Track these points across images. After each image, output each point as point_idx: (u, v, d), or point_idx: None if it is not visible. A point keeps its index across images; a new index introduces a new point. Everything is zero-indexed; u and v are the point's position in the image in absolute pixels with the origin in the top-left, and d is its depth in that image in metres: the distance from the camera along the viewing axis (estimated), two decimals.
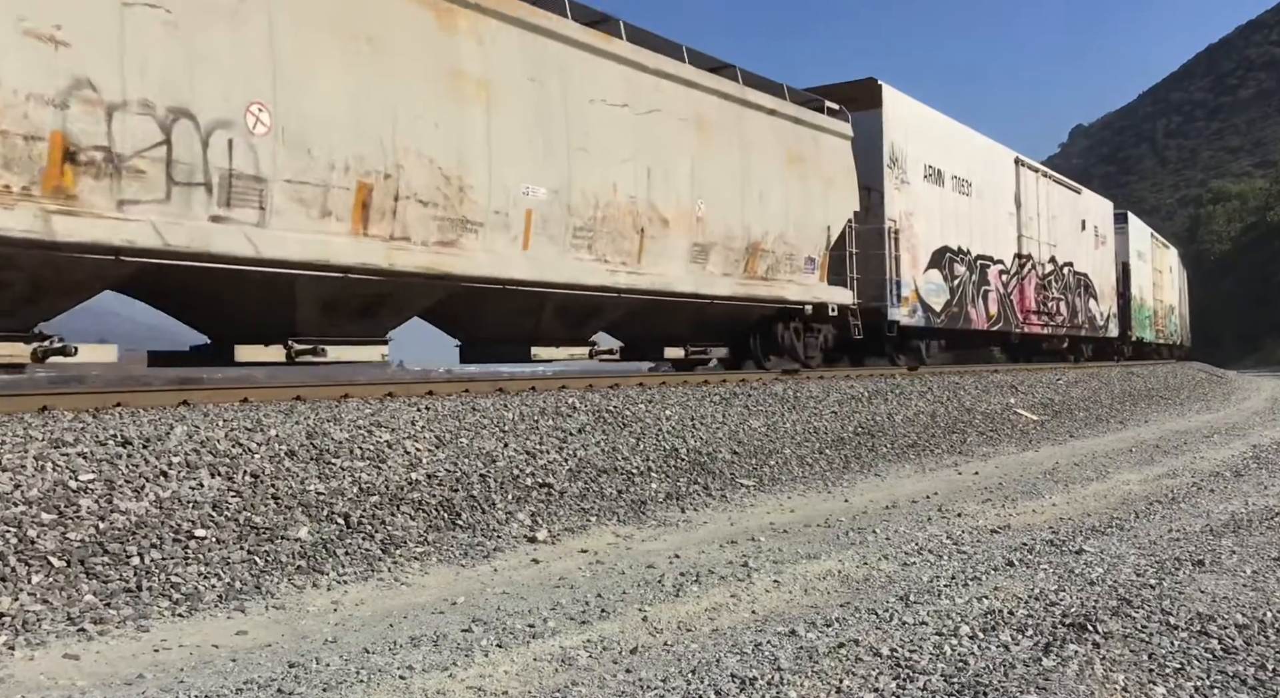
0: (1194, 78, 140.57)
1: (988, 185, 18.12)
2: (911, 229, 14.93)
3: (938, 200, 16.04)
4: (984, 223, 17.83)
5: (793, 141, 12.16)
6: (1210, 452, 10.50)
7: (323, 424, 6.04)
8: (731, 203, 11.01)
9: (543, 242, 8.68)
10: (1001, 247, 18.52)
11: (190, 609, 4.10)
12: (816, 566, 4.97)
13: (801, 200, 12.19)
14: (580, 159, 8.99)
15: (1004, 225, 18.84)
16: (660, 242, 9.95)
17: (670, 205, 10.07)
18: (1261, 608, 4.10)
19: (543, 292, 8.85)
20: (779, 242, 11.76)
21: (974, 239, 17.28)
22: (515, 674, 3.33)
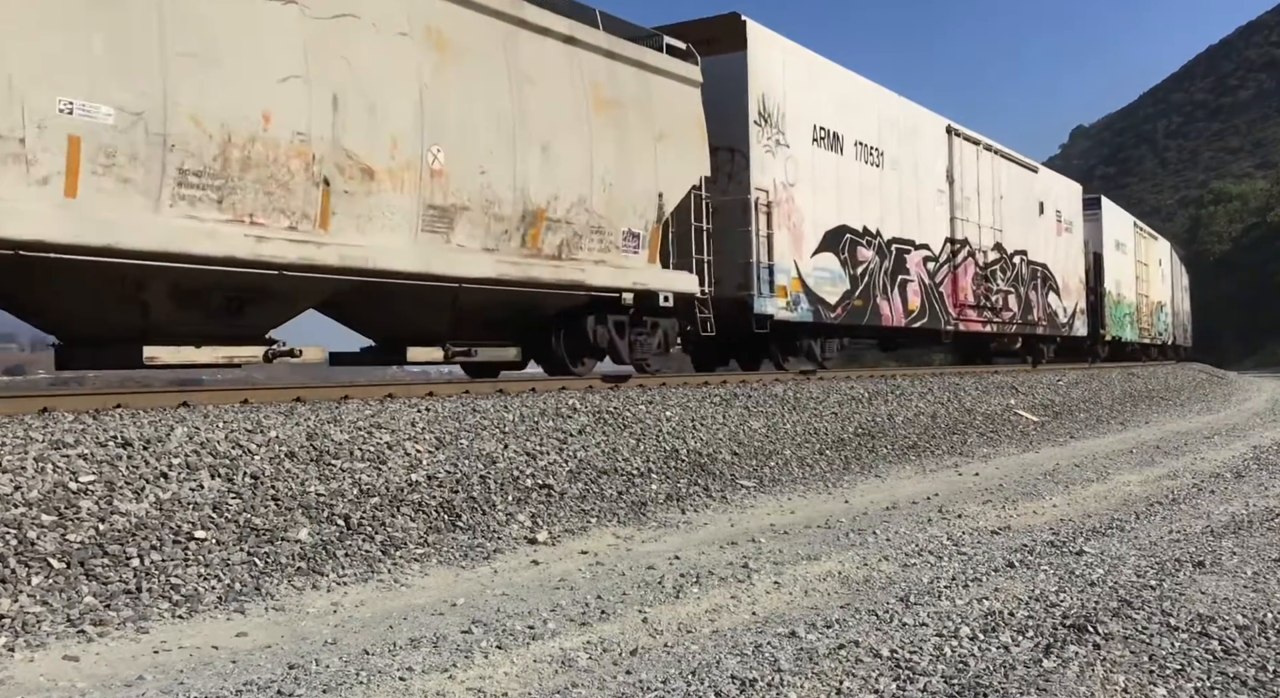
0: (1194, 79, 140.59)
1: (908, 156, 15.28)
2: (792, 203, 12.20)
3: (833, 170, 13.26)
4: (902, 200, 15.03)
5: (606, 82, 9.48)
6: (1211, 453, 10.50)
7: (323, 425, 6.04)
8: (496, 155, 8.24)
9: (110, 189, 5.98)
10: (927, 229, 15.71)
11: (190, 611, 4.09)
12: (817, 567, 4.97)
13: (617, 159, 9.48)
14: (191, 69, 6.27)
15: (931, 205, 15.97)
16: (362, 201, 7.25)
17: (380, 151, 7.34)
18: (1262, 609, 4.09)
19: (129, 265, 6.21)
20: (579, 210, 9.07)
21: (887, 219, 14.50)
22: (515, 676, 3.33)
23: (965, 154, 17.31)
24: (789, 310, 12.03)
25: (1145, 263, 30.59)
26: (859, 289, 13.69)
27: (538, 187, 8.71)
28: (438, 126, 7.81)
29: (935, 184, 16.28)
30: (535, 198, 8.69)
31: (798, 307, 12.27)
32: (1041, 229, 20.97)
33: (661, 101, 10.21)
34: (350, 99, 7.17)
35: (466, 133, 8.09)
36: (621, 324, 10.05)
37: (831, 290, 13.08)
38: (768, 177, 11.78)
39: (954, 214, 16.76)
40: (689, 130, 10.55)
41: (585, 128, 9.22)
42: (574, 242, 9.14)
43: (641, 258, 9.91)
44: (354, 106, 7.21)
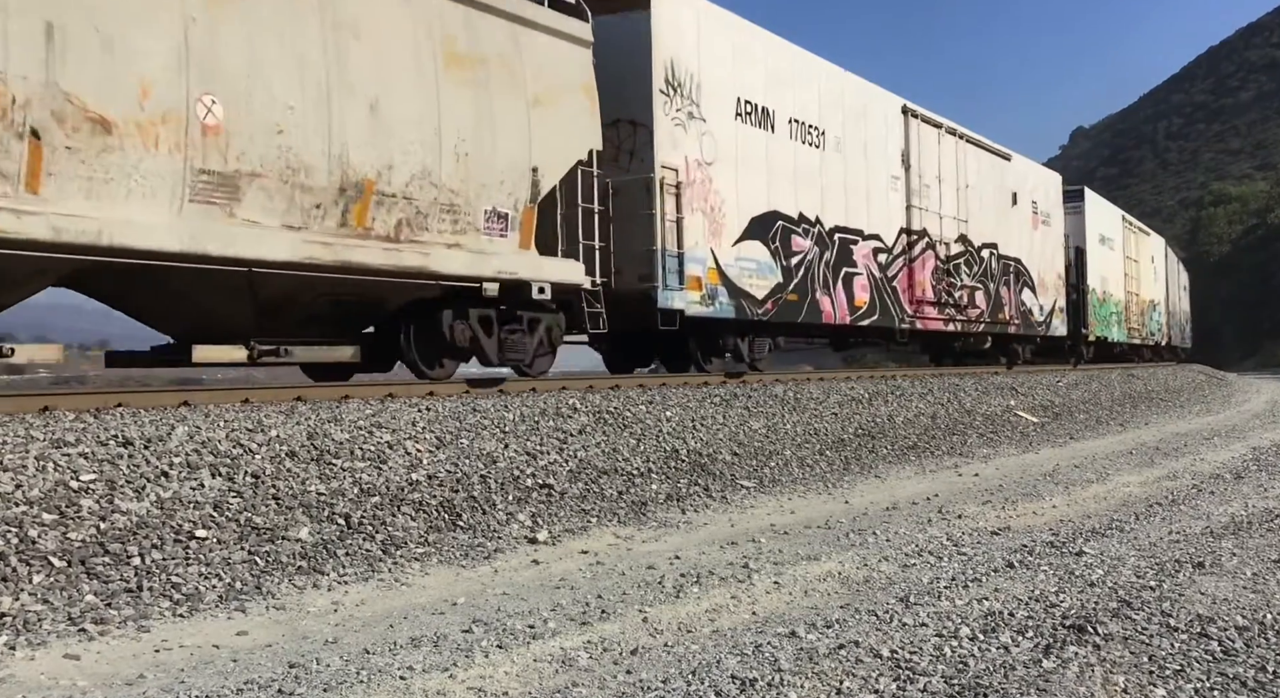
0: (1194, 80, 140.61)
1: (856, 138, 13.75)
2: (710, 185, 10.76)
3: (763, 150, 11.75)
4: (848, 186, 13.46)
5: (462, 34, 8.02)
6: (1210, 454, 10.50)
7: (323, 425, 6.05)
8: (301, 112, 6.79)
9: None
10: (879, 219, 14.17)
11: (191, 610, 4.10)
12: (817, 567, 4.97)
13: (476, 125, 7.98)
14: None
15: (883, 192, 14.40)
16: (94, 160, 5.77)
17: (122, 98, 5.88)
18: (1261, 610, 4.10)
19: None
20: (423, 184, 7.53)
21: (829, 206, 12.95)
22: (515, 675, 3.34)
23: (924, 138, 15.68)
24: (704, 305, 10.54)
25: (1135, 259, 28.87)
26: (794, 283, 12.11)
27: (363, 153, 7.16)
28: (210, 71, 6.26)
29: (888, 169, 14.66)
30: (359, 167, 7.13)
31: (715, 301, 10.72)
32: (1015, 221, 19.28)
33: (538, 61, 8.63)
34: (75, 30, 5.64)
35: (256, 82, 6.54)
36: (488, 320, 8.48)
37: (759, 284, 11.52)
38: (678, 154, 10.31)
39: (910, 202, 15.10)
40: (573, 96, 8.95)
41: (431, 86, 7.67)
42: (417, 221, 7.56)
43: (510, 242, 8.35)
44: (80, 39, 5.67)
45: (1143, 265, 30.00)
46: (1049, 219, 21.16)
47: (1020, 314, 19.20)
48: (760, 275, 11.61)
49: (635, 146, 10.08)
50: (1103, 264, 24.96)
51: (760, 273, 11.61)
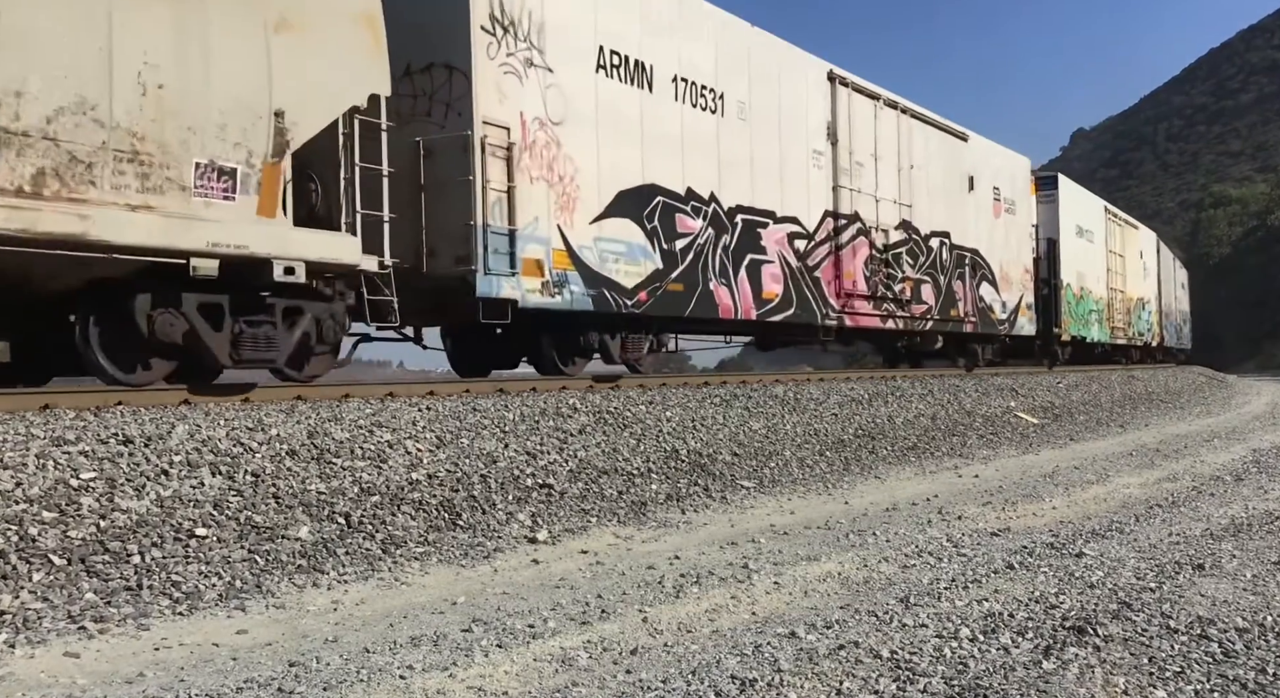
0: (1195, 82, 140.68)
1: (766, 105, 11.85)
2: (559, 150, 8.99)
3: (636, 111, 9.93)
4: (754, 161, 11.57)
5: None
6: (1210, 456, 10.50)
7: (324, 424, 6.05)
8: None
9: None
10: (795, 199, 12.22)
11: (191, 608, 4.10)
12: (816, 567, 4.97)
13: (178, 46, 6.10)
14: None
15: (802, 169, 12.41)
16: None
17: None
18: (1262, 612, 4.10)
19: None
20: (79, 121, 5.65)
21: (729, 182, 11.06)
22: (515, 675, 3.34)
23: (857, 110, 13.81)
24: (546, 294, 8.75)
25: (1120, 254, 26.82)
26: (678, 270, 10.34)
27: None
28: None
29: (810, 144, 12.67)
30: None
31: (563, 290, 8.91)
32: (972, 208, 17.32)
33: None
34: None
35: None
36: (215, 307, 6.61)
37: (629, 270, 9.72)
38: (508, 109, 8.47)
39: (838, 182, 13.17)
40: (345, 25, 7.15)
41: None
42: (73, 172, 5.66)
43: (241, 208, 6.48)
44: None
45: (1129, 260, 28.09)
46: (1014, 207, 19.19)
47: (978, 311, 17.27)
48: (631, 260, 9.77)
49: (452, 97, 8.24)
50: (1080, 258, 22.89)
51: (631, 257, 9.76)
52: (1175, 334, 36.25)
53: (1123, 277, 27.04)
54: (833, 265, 13.19)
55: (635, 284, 9.87)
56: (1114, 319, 25.82)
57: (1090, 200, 24.98)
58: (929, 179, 15.79)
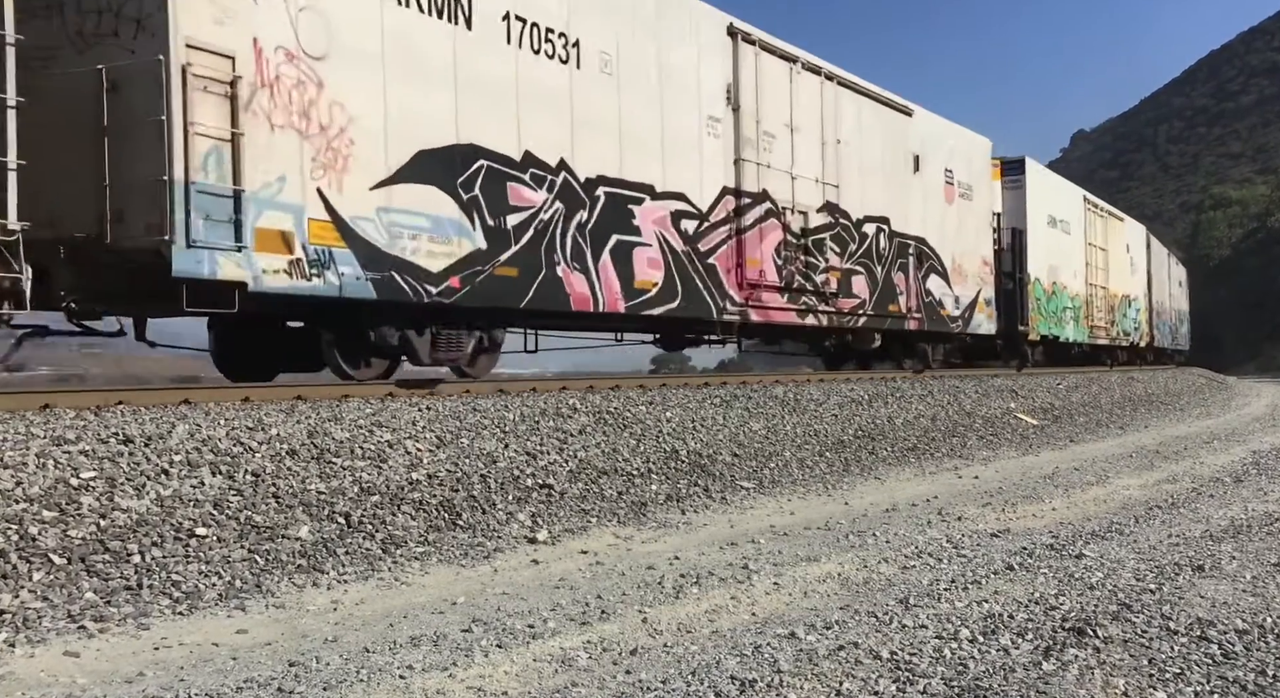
0: (1195, 83, 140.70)
1: (642, 59, 9.96)
2: (319, 91, 7.09)
3: (447, 52, 8.02)
4: (624, 124, 9.67)
5: None
6: (1210, 457, 10.50)
7: (324, 424, 6.05)
8: None
9: None
10: (683, 173, 10.37)
11: (191, 608, 4.10)
12: (816, 568, 4.97)
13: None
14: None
15: (691, 138, 10.55)
16: None
17: None
18: (1261, 613, 4.10)
19: None
20: None
21: (586, 148, 9.15)
22: (515, 675, 3.34)
23: (766, 72, 11.81)
24: (299, 276, 6.96)
25: (1102, 247, 24.76)
26: (511, 251, 8.43)
27: None
28: None
29: (704, 108, 10.78)
30: None
31: (327, 271, 7.12)
32: (917, 192, 15.35)
33: None
34: None
35: None
36: None
37: (435, 249, 7.89)
38: (235, 32, 6.59)
39: (741, 155, 11.24)
40: None
41: None
42: None
43: None
44: None
45: (1113, 254, 25.88)
46: (971, 193, 17.10)
47: (924, 306, 15.30)
48: (438, 237, 7.93)
49: (143, 12, 6.29)
50: (1052, 250, 20.88)
51: (438, 233, 7.92)
52: (1169, 334, 34.24)
53: (1105, 272, 24.98)
54: (734, 251, 11.21)
55: (444, 267, 7.95)
56: (1094, 317, 23.81)
57: (1065, 188, 22.88)
58: (862, 157, 13.78)
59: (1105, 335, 24.82)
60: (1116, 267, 26.26)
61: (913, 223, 15.15)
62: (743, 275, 11.30)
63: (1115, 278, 25.98)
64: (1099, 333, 24.21)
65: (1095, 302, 23.92)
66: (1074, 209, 22.80)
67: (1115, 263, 26.11)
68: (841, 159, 13.22)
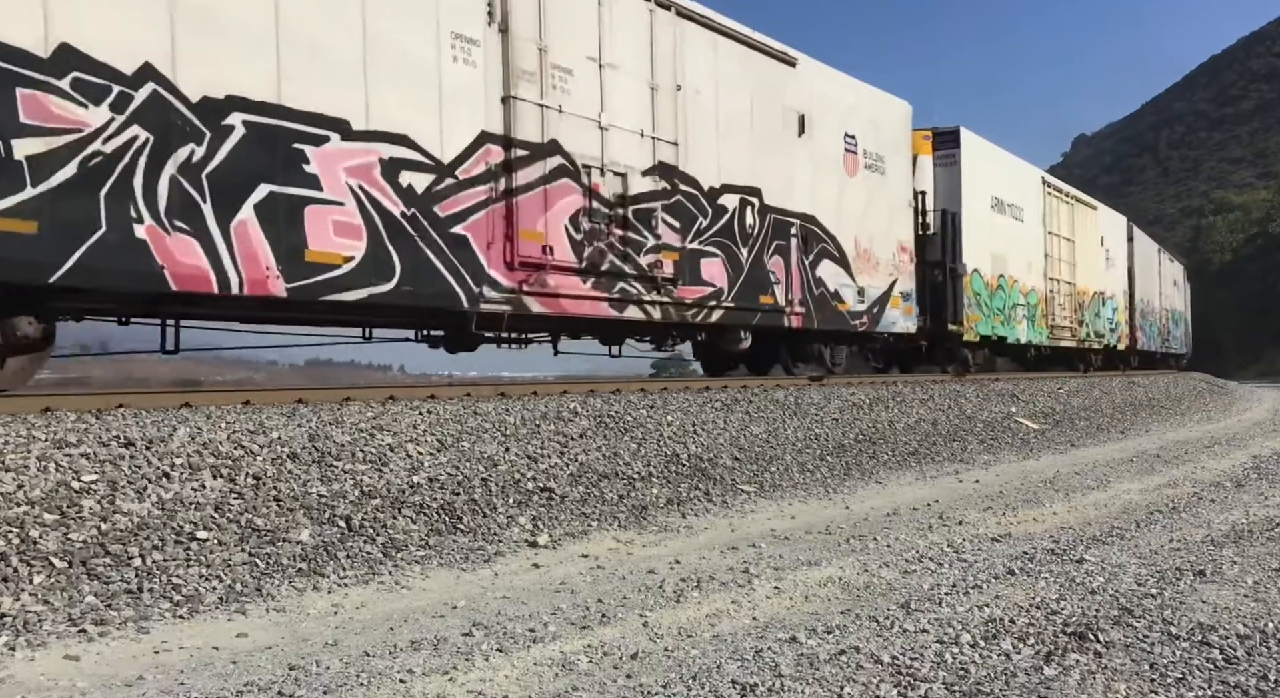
0: (1196, 88, 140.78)
1: None
2: None
3: None
4: (282, 25, 6.92)
5: None
6: (1211, 462, 10.49)
7: (325, 427, 6.05)
8: None
9: None
10: (404, 107, 7.67)
11: (191, 611, 4.10)
12: (817, 572, 4.97)
13: None
14: None
15: (423, 60, 7.88)
16: None
17: None
18: (1263, 618, 4.09)
19: None
20: None
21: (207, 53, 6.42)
22: (515, 679, 3.33)
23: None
24: None
25: (1068, 237, 21.79)
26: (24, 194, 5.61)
27: None
28: None
29: (445, 21, 8.05)
30: None
31: None
32: (804, 160, 12.45)
33: None
34: None
35: None
36: None
37: None
38: None
39: (514, 92, 8.52)
40: None
41: None
42: None
43: None
44: None
45: (1082, 246, 22.74)
46: (882, 165, 14.18)
47: (813, 299, 12.48)
48: None
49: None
50: (998, 238, 17.93)
51: None
52: (1158, 336, 30.94)
53: (1071, 265, 22.05)
54: (499, 219, 8.47)
55: None
56: (1055, 316, 20.93)
57: (1016, 167, 19.33)
58: (719, 111, 10.98)
59: (1072, 336, 22.12)
60: (1086, 260, 23.18)
61: (795, 197, 12.23)
62: (514, 251, 8.54)
63: (1084, 272, 23.11)
64: (1062, 334, 21.46)
65: (1057, 299, 21.22)
66: (1029, 192, 19.58)
67: (1085, 256, 23.10)
68: (686, 111, 10.48)
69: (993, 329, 17.53)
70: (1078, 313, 22.48)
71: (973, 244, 16.73)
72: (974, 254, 16.80)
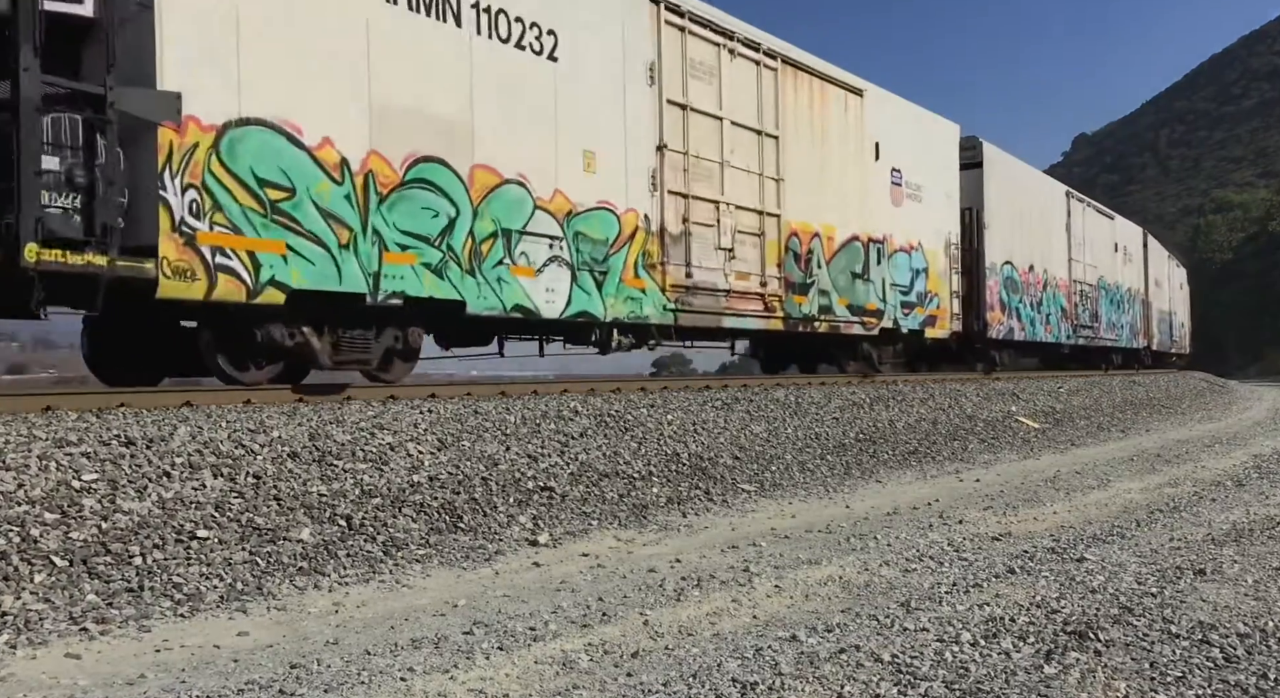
0: (1197, 87, 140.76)
1: None
2: None
3: None
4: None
5: None
6: (1211, 461, 10.49)
7: (325, 426, 6.05)
8: None
9: None
10: None
11: (192, 610, 4.10)
12: (818, 571, 4.97)
13: None
14: None
15: None
16: None
17: None
18: (1263, 617, 4.10)
19: None
20: None
21: None
22: (516, 677, 3.34)
23: None
24: None
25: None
26: None
27: None
28: None
29: None
30: None
31: None
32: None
33: None
34: None
35: None
36: None
37: None
38: None
39: None
40: None
41: None
42: None
43: None
44: None
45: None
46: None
47: None
48: None
49: None
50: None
51: None
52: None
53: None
54: None
55: None
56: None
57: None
58: None
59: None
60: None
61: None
62: None
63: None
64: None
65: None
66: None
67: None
68: None
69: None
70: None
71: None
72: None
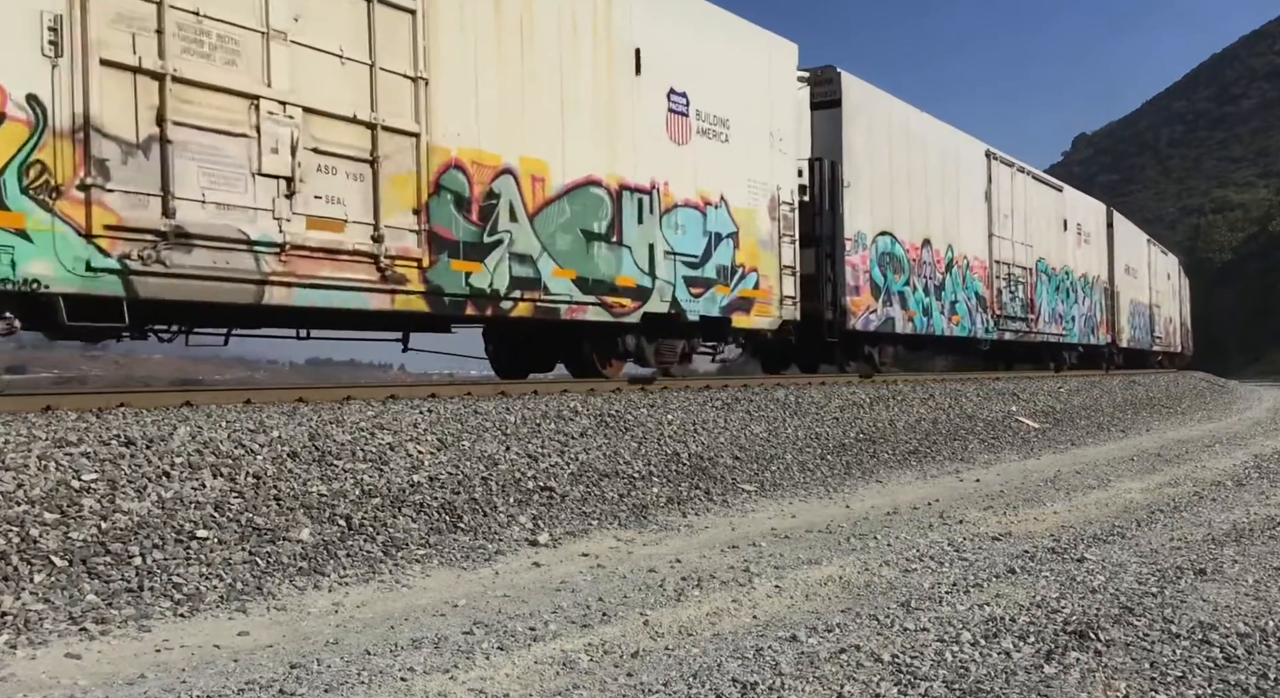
0: (1197, 87, 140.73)
1: None
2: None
3: None
4: None
5: None
6: (1212, 461, 10.49)
7: (325, 426, 6.05)
8: None
9: None
10: None
11: (192, 610, 4.10)
12: (818, 571, 4.97)
13: None
14: None
15: None
16: None
17: None
18: (1263, 617, 4.09)
19: None
20: None
21: None
22: (516, 677, 3.33)
23: None
24: None
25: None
26: None
27: None
28: None
29: None
30: None
31: None
32: None
33: None
34: None
35: None
36: None
37: None
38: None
39: None
40: None
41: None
42: None
43: None
44: None
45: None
46: None
47: None
48: None
49: None
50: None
51: None
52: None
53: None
54: None
55: None
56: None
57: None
58: None
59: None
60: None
61: None
62: None
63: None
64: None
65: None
66: None
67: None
68: None
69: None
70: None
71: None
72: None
